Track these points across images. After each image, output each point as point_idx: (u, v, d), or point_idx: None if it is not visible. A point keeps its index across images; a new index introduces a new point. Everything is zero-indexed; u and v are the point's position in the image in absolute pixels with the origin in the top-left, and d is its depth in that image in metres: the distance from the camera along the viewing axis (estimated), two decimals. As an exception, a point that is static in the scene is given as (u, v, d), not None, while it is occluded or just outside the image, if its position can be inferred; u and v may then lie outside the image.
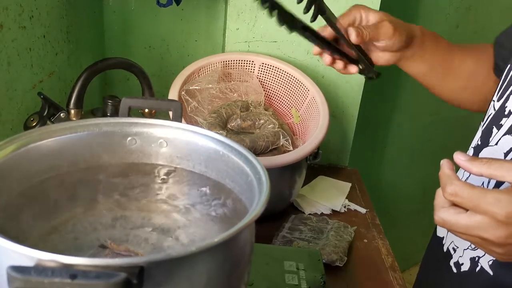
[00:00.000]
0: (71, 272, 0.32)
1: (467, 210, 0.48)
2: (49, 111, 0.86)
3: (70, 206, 0.56)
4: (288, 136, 0.96)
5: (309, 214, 1.01)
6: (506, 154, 0.60)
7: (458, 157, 0.50)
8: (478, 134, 0.68)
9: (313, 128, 1.00)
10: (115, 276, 0.32)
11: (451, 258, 0.67)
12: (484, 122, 0.68)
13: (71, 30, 1.04)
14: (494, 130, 0.63)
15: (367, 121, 1.40)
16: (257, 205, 0.44)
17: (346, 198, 1.10)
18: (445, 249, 0.69)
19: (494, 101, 0.66)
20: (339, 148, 1.25)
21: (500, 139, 0.62)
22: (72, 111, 0.89)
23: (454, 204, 0.49)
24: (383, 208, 1.23)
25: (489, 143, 0.64)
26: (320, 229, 0.94)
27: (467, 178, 0.65)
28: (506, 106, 0.62)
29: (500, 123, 0.62)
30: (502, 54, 0.74)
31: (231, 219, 0.54)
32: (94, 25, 1.21)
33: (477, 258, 0.63)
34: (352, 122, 1.23)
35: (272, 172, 0.90)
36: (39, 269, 0.33)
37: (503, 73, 0.66)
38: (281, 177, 0.94)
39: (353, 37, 0.70)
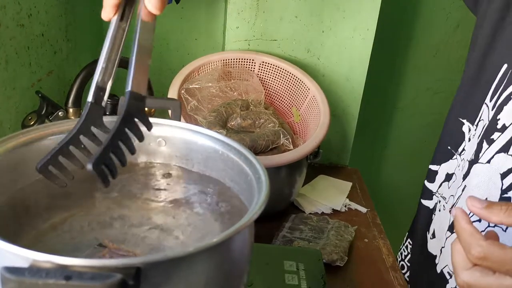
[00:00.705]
0: (66, 273, 0.32)
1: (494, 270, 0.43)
2: (47, 110, 0.86)
3: (68, 205, 0.55)
4: (289, 135, 0.95)
5: (310, 213, 1.01)
6: (503, 176, 0.55)
7: (473, 204, 0.44)
8: (469, 144, 0.63)
9: (313, 127, 1.00)
10: (110, 277, 0.32)
11: (447, 283, 0.63)
12: (474, 130, 0.62)
13: (70, 28, 1.04)
14: (485, 145, 0.58)
15: (367, 121, 1.40)
16: (256, 205, 0.43)
17: (347, 197, 1.09)
18: (438, 271, 0.65)
19: (486, 104, 0.61)
20: (339, 147, 1.25)
21: (493, 156, 0.57)
22: (71, 110, 0.89)
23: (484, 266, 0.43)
24: (384, 208, 1.22)
25: (479, 159, 0.59)
26: (320, 228, 0.94)
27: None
28: (499, 119, 0.57)
29: (492, 137, 0.57)
30: None
31: (231, 219, 0.54)
32: (93, 24, 1.20)
33: None
34: (352, 121, 1.22)
35: (272, 171, 0.90)
36: (34, 270, 0.32)
37: (496, 74, 0.60)
38: (281, 176, 0.93)
39: None
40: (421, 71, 1.49)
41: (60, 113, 0.87)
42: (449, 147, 0.71)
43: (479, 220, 0.56)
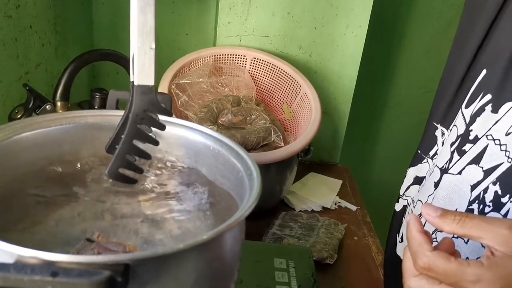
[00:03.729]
0: (52, 269, 0.31)
1: None
2: (34, 103, 0.84)
3: (56, 199, 0.54)
4: (280, 132, 0.94)
5: (300, 211, 1.00)
6: (473, 187, 0.54)
7: (427, 212, 0.43)
8: (447, 153, 0.61)
9: (304, 124, 0.99)
10: (98, 274, 0.31)
11: None
12: (446, 136, 0.61)
13: (58, 21, 1.02)
14: (455, 156, 0.58)
15: (358, 118, 1.40)
16: (247, 202, 0.43)
17: (337, 195, 1.09)
18: None
19: (461, 108, 0.60)
20: (330, 144, 1.25)
21: (464, 168, 0.56)
22: (58, 104, 0.88)
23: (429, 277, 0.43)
24: (374, 206, 1.22)
25: (449, 169, 0.58)
26: (310, 226, 0.93)
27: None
28: (471, 130, 0.56)
29: (463, 148, 0.56)
30: None
31: (222, 215, 0.53)
32: (82, 16, 1.18)
33: None
34: (343, 118, 1.22)
35: (263, 168, 0.90)
36: (19, 266, 0.31)
37: (469, 80, 0.59)
38: (272, 173, 0.93)
39: None
40: (413, 69, 1.49)
41: (47, 106, 0.85)
42: (419, 151, 0.70)
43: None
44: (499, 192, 0.52)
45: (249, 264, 0.69)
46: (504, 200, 0.51)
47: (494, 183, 0.53)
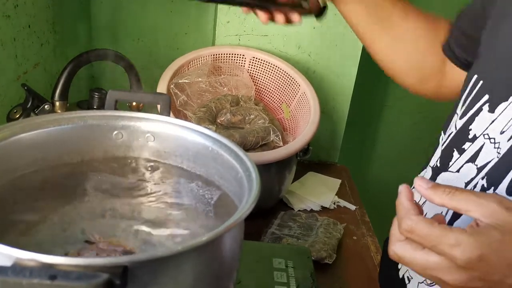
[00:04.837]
0: (51, 272, 0.31)
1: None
2: (33, 103, 0.84)
3: (55, 200, 0.54)
4: (279, 132, 0.94)
5: (299, 210, 1.00)
6: (466, 184, 0.55)
7: (419, 183, 0.45)
8: (438, 153, 0.62)
9: (303, 124, 0.99)
10: (97, 277, 0.31)
11: (405, 287, 0.63)
12: (444, 138, 0.62)
13: (57, 20, 1.02)
14: (455, 154, 0.58)
15: (357, 118, 1.40)
16: (246, 203, 0.43)
17: (336, 194, 1.09)
18: (400, 276, 0.64)
19: (457, 114, 0.61)
20: (329, 144, 1.25)
21: (462, 166, 0.57)
22: (57, 104, 0.87)
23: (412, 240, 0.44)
24: (373, 205, 1.22)
25: (448, 167, 0.59)
26: (309, 225, 0.93)
27: (424, 202, 0.61)
28: (470, 129, 0.57)
29: (463, 147, 0.57)
30: (460, 39, 0.69)
31: (221, 216, 0.53)
32: (81, 16, 1.18)
33: None
34: (342, 118, 1.22)
35: (262, 168, 0.89)
36: (17, 269, 0.31)
37: (467, 85, 0.60)
38: (271, 173, 0.93)
39: None
40: (411, 69, 1.49)
41: (46, 106, 0.85)
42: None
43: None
44: (485, 185, 0.53)
45: (248, 264, 0.69)
46: (489, 192, 0.52)
47: (482, 178, 0.53)
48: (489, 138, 0.54)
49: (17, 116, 0.83)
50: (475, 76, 0.60)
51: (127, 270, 0.34)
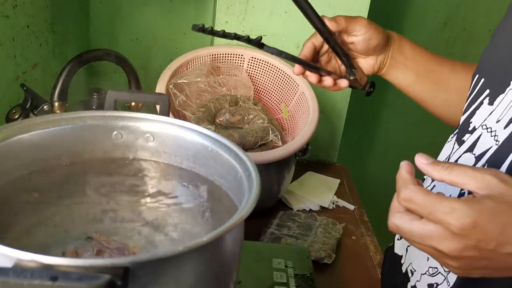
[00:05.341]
0: (52, 273, 0.31)
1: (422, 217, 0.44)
2: (32, 104, 0.84)
3: (55, 201, 0.54)
4: (277, 132, 0.94)
5: (298, 210, 1.01)
6: None
7: (420, 159, 0.46)
8: (445, 148, 0.65)
9: (302, 124, 0.99)
10: (98, 278, 0.31)
11: (409, 281, 0.64)
12: (452, 136, 0.65)
13: (56, 20, 1.01)
14: (455, 146, 0.60)
15: (355, 117, 1.40)
16: (246, 204, 0.43)
17: (335, 194, 1.09)
18: (403, 270, 0.65)
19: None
20: (327, 144, 1.25)
21: (460, 156, 0.58)
22: (56, 104, 0.87)
23: (410, 210, 0.45)
24: (372, 205, 1.22)
25: (449, 159, 0.61)
26: (308, 225, 0.93)
27: (433, 187, 0.62)
28: (471, 122, 0.59)
29: (463, 139, 0.59)
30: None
31: (221, 216, 0.53)
32: (79, 16, 1.18)
33: (435, 285, 0.59)
34: (341, 118, 1.22)
35: (261, 168, 0.89)
36: (18, 271, 0.31)
37: (470, 84, 0.63)
38: (270, 173, 0.93)
39: (328, 21, 0.71)
40: (410, 68, 1.49)
41: (45, 106, 0.85)
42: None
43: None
44: None
45: (248, 264, 0.69)
46: None
47: (483, 166, 0.54)
48: (487, 128, 0.56)
49: (16, 116, 0.83)
50: (477, 75, 0.62)
51: (128, 271, 0.34)
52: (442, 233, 0.43)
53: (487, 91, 0.58)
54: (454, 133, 0.64)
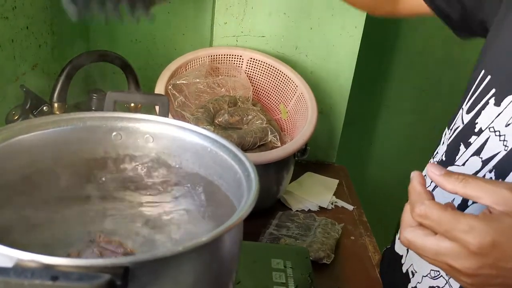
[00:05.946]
0: (52, 273, 0.31)
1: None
2: (31, 104, 0.84)
3: (55, 202, 0.54)
4: (276, 132, 0.95)
5: (297, 210, 1.01)
6: None
7: (432, 170, 0.45)
8: (443, 147, 0.63)
9: (301, 124, 1.00)
10: (98, 277, 0.31)
11: (409, 282, 0.63)
12: (450, 133, 0.63)
13: (55, 21, 1.02)
14: (462, 148, 0.59)
15: (354, 118, 1.40)
16: (246, 204, 0.43)
17: (334, 195, 1.09)
18: (404, 270, 0.65)
19: (463, 109, 0.61)
20: (326, 144, 1.25)
21: (468, 159, 0.57)
22: (56, 105, 0.87)
23: (424, 225, 0.44)
24: (370, 205, 1.23)
25: (455, 161, 0.59)
26: (307, 226, 0.94)
27: (434, 187, 0.61)
28: (477, 123, 0.57)
29: (469, 140, 0.57)
30: None
31: (220, 216, 0.53)
32: (79, 17, 1.18)
33: None
34: (340, 118, 1.22)
35: (260, 168, 0.89)
36: (19, 270, 0.31)
37: (473, 81, 0.61)
38: (269, 173, 0.93)
39: None
40: (408, 69, 1.50)
41: (44, 107, 0.85)
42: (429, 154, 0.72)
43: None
44: (493, 178, 0.53)
45: (247, 265, 0.70)
46: None
47: (490, 171, 0.53)
48: (494, 131, 0.55)
49: (16, 117, 0.83)
50: (483, 71, 0.60)
51: (128, 271, 0.34)
52: (459, 251, 0.41)
53: (493, 91, 0.56)
54: (452, 131, 0.62)
